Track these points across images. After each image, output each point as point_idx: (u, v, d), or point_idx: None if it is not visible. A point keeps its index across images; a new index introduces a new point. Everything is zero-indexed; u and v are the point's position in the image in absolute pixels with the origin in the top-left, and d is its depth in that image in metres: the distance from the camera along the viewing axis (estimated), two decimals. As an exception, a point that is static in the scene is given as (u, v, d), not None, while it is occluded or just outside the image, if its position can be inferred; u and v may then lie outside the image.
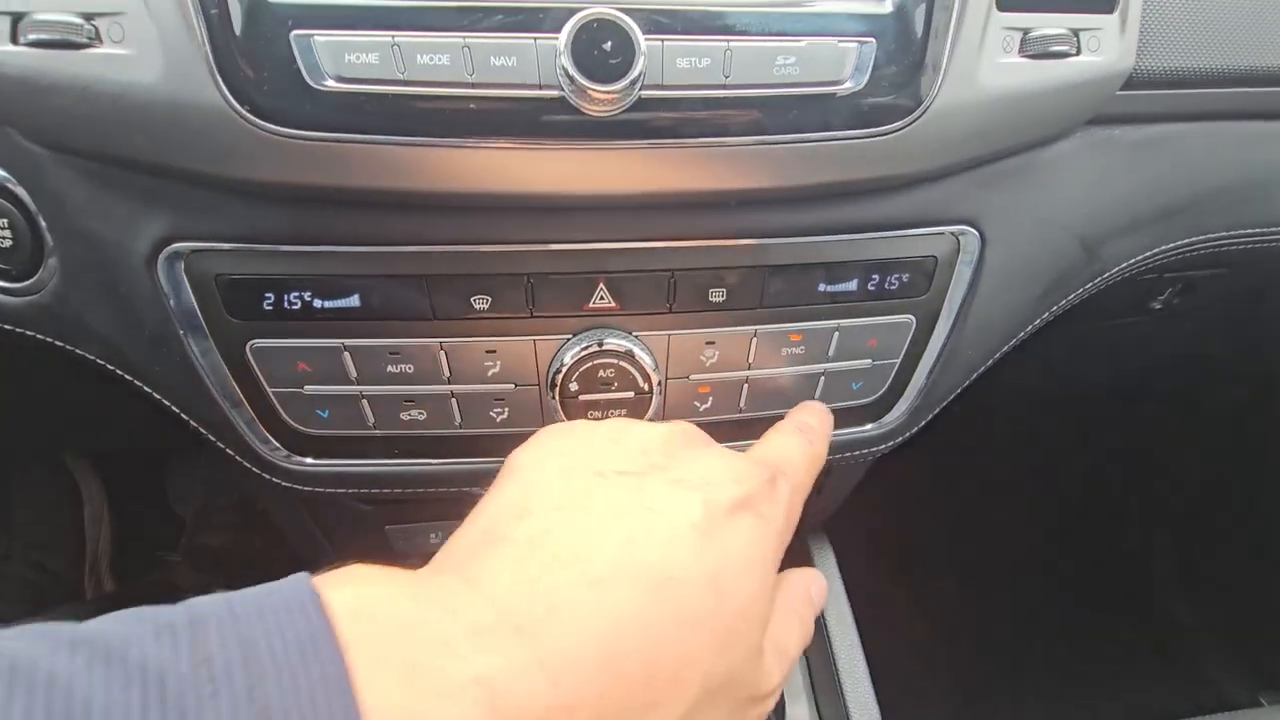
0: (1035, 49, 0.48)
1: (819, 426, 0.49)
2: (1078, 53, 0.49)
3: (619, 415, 0.54)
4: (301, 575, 0.28)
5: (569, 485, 0.35)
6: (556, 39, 0.41)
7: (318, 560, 0.75)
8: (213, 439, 0.56)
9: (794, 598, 0.42)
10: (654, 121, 0.44)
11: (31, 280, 0.52)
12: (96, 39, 0.41)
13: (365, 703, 0.23)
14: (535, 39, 0.41)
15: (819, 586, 0.45)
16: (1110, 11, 0.49)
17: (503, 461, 0.58)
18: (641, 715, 0.30)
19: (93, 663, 0.22)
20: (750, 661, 0.35)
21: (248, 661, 0.23)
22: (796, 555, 0.79)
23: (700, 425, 0.57)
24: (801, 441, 0.45)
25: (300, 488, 0.57)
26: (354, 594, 0.27)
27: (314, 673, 0.23)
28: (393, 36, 0.41)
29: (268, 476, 0.57)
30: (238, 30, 0.40)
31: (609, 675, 0.29)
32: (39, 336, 0.54)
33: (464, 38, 0.41)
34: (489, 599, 0.29)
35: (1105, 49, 0.50)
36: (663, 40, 0.42)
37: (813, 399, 0.58)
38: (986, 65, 0.47)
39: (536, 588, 0.30)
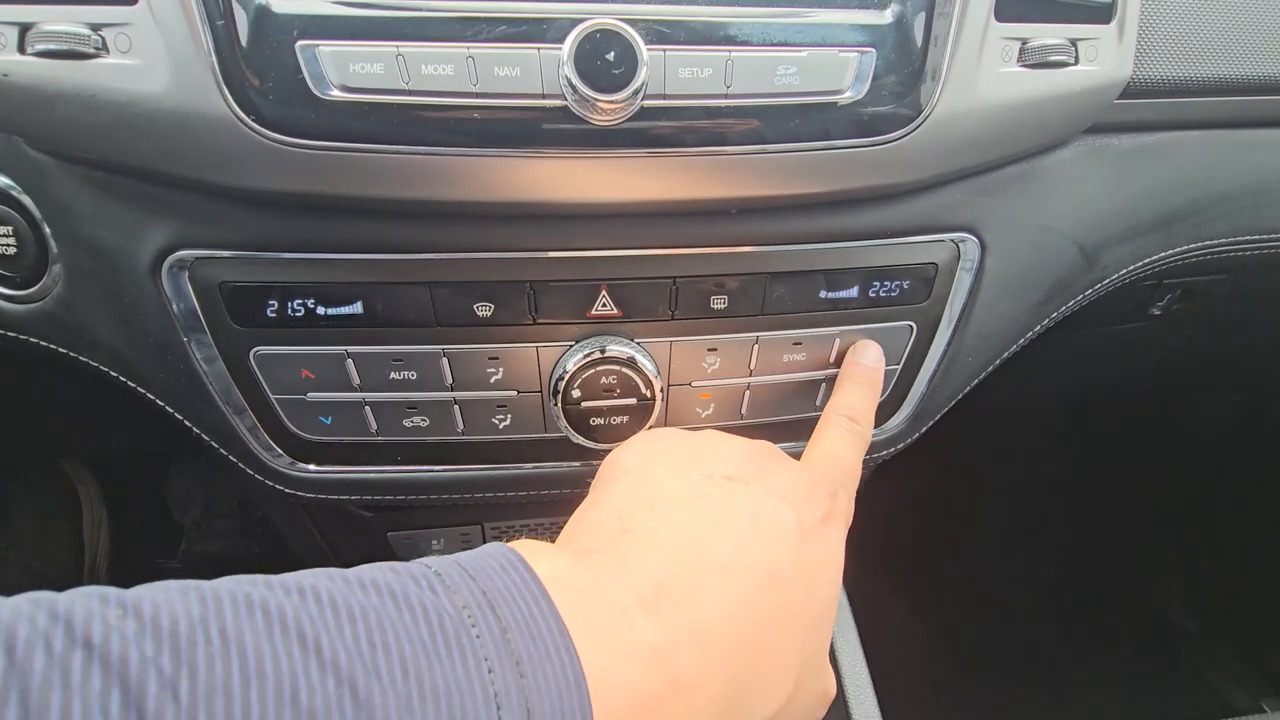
0: (1034, 58, 0.48)
1: (863, 404, 0.53)
2: (1076, 62, 0.49)
3: (622, 423, 0.54)
4: (499, 545, 0.33)
5: (684, 484, 0.39)
6: (560, 49, 0.41)
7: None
8: (216, 445, 0.56)
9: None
10: (656, 130, 0.44)
11: (35, 288, 0.53)
12: (103, 49, 0.41)
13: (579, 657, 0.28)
14: (539, 49, 0.42)
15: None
16: (1107, 21, 0.50)
17: (503, 470, 0.59)
18: (760, 684, 0.34)
19: (384, 600, 0.27)
20: (823, 656, 0.40)
21: (496, 610, 0.28)
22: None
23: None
24: (852, 439, 0.50)
25: (303, 494, 0.57)
26: (549, 564, 0.31)
27: (542, 626, 0.28)
28: (397, 47, 0.41)
29: (271, 483, 0.57)
30: (243, 40, 0.40)
31: (734, 648, 0.33)
32: (42, 344, 0.55)
33: (468, 48, 0.41)
34: (646, 577, 0.33)
35: (1103, 58, 0.50)
36: (665, 50, 0.42)
37: (814, 405, 0.59)
38: (986, 74, 0.47)
39: (680, 570, 0.34)
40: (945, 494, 1.57)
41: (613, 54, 0.41)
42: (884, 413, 0.61)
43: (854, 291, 0.55)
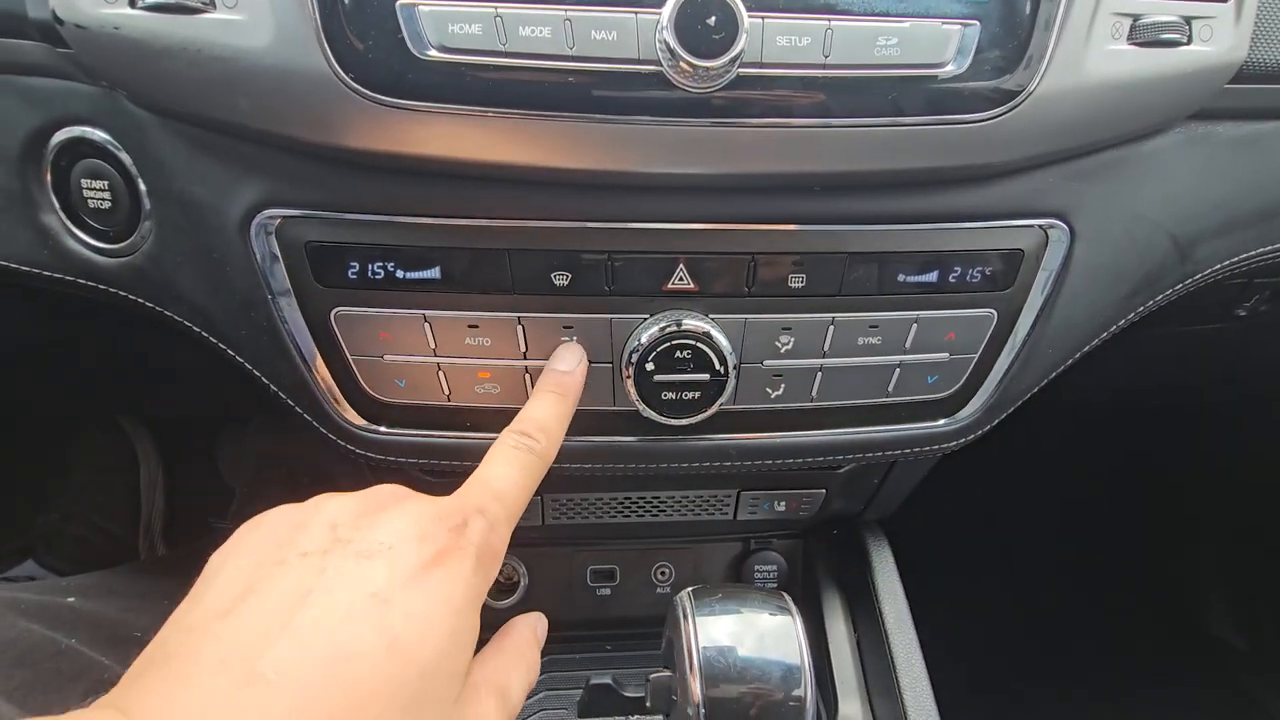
0: (1145, 36, 0.46)
1: (547, 415, 0.49)
2: (1189, 41, 0.47)
3: (694, 398, 0.54)
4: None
5: (247, 582, 0.35)
6: (659, 13, 0.40)
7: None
8: (292, 403, 0.57)
9: (520, 640, 0.45)
10: (750, 99, 0.43)
11: (127, 242, 0.54)
12: (211, 4, 0.42)
13: None
14: (636, 14, 0.41)
15: (543, 626, 0.49)
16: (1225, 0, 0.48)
17: (569, 441, 0.59)
18: None
19: None
20: (446, 712, 0.35)
21: None
22: (854, 552, 0.78)
23: (769, 413, 0.58)
24: (518, 458, 0.46)
25: (372, 455, 0.58)
26: None
27: None
28: (496, 8, 0.41)
29: (342, 443, 0.58)
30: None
31: None
32: (130, 297, 0.56)
33: (566, 11, 0.41)
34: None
35: (1218, 39, 0.48)
36: (764, 17, 0.42)
37: (887, 391, 0.57)
38: (1093, 52, 0.46)
39: (191, 708, 0.30)
40: (991, 494, 1.54)
41: (713, 19, 0.40)
42: (957, 402, 0.60)
43: (934, 276, 0.54)
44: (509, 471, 0.45)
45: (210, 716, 0.29)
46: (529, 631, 0.47)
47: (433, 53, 0.41)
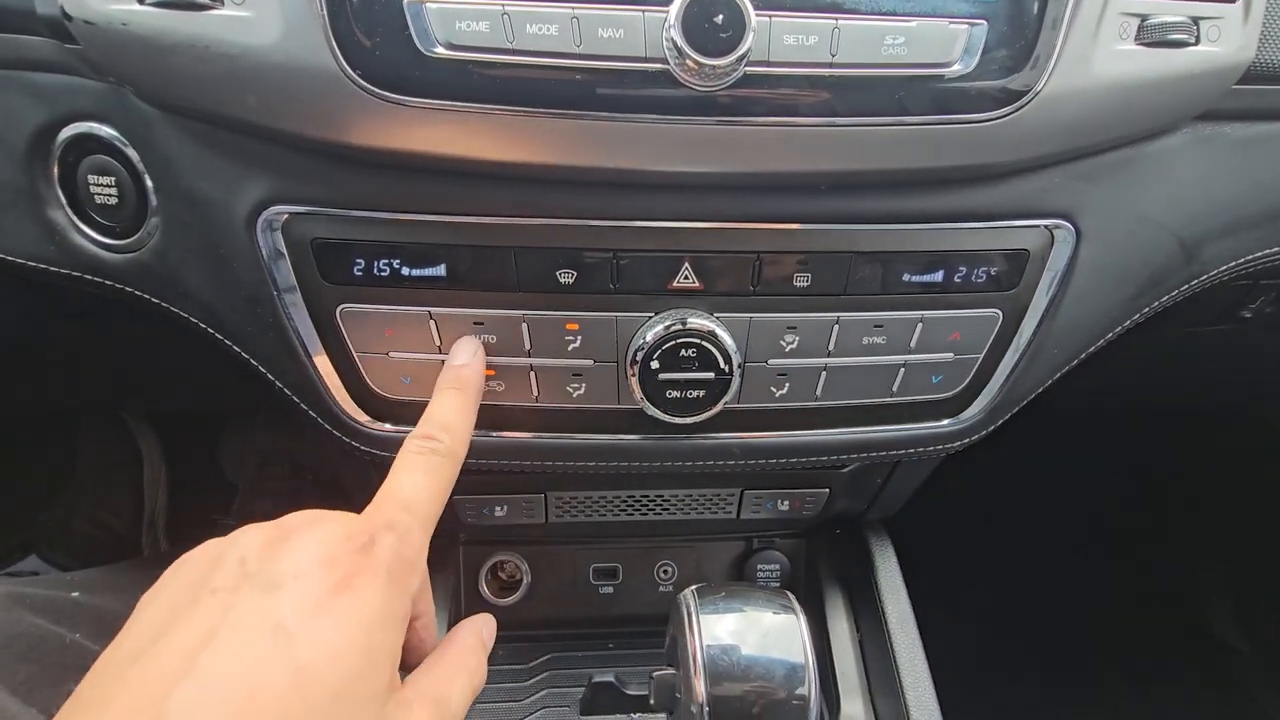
0: (1153, 36, 0.46)
1: (450, 414, 0.48)
2: (1196, 42, 0.47)
3: (698, 397, 0.54)
4: None
5: (162, 624, 0.34)
6: (666, 11, 0.40)
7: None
8: (297, 400, 0.57)
9: (460, 649, 0.45)
10: (756, 98, 0.43)
11: (134, 238, 0.54)
12: (218, 1, 0.42)
13: None
14: (644, 12, 0.41)
15: (489, 630, 0.48)
16: (1234, 0, 0.47)
17: (574, 440, 0.59)
18: None
19: None
20: None
21: None
22: (857, 551, 0.78)
23: (773, 412, 0.58)
24: (424, 463, 0.45)
25: (376, 452, 0.58)
26: None
27: None
28: (503, 5, 0.41)
29: (346, 440, 0.58)
30: None
31: None
32: (136, 293, 0.56)
33: (573, 8, 0.41)
34: None
35: (1226, 39, 0.48)
36: (771, 16, 0.42)
37: (891, 390, 0.57)
38: (1100, 52, 0.46)
39: None
40: (995, 495, 1.54)
41: (720, 17, 0.40)
42: (961, 402, 0.60)
43: (940, 276, 0.54)
44: (415, 478, 0.44)
45: None
46: (472, 638, 0.46)
47: (440, 50, 0.42)
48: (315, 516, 0.40)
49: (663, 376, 0.53)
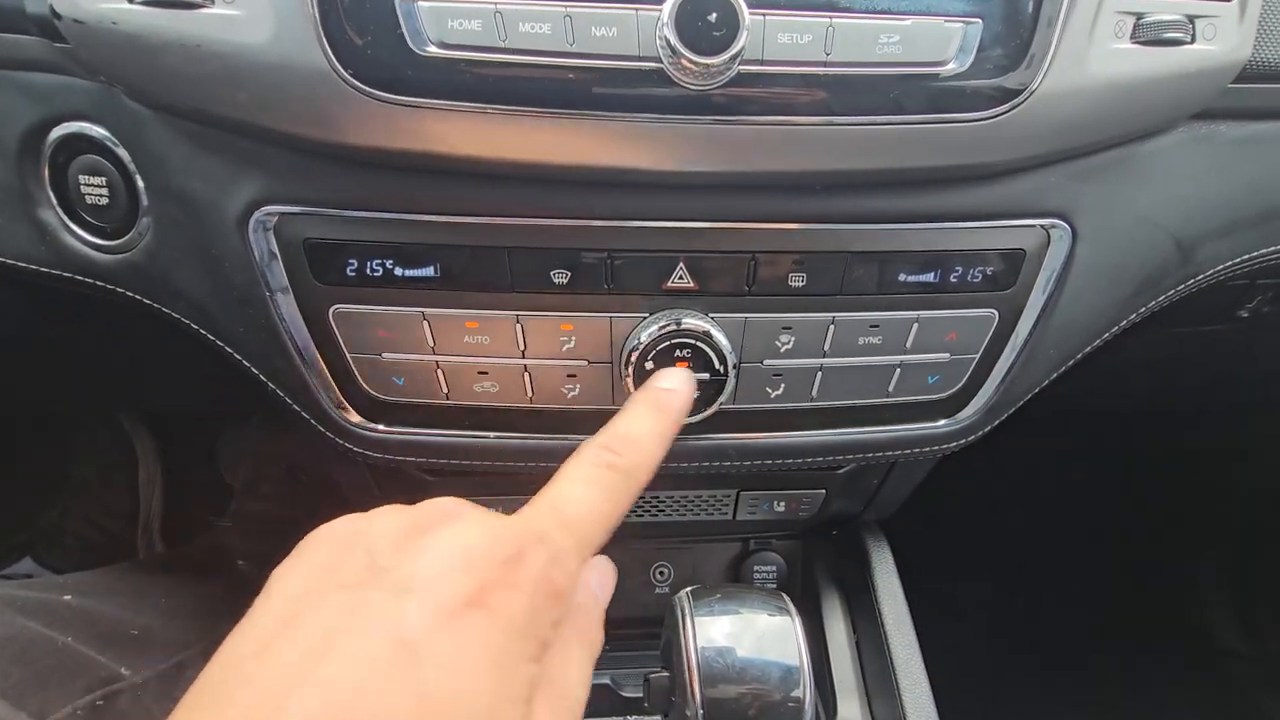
0: (1148, 35, 0.46)
1: (640, 430, 0.42)
2: (1192, 40, 0.47)
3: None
4: None
5: (288, 612, 0.31)
6: (659, 10, 0.40)
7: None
8: (290, 402, 0.57)
9: (582, 629, 0.37)
10: (750, 97, 0.43)
11: (125, 238, 0.54)
12: (210, 0, 0.41)
13: None
14: (637, 10, 0.41)
15: (609, 577, 0.41)
16: (1229, -2, 0.47)
17: (569, 441, 0.59)
18: None
19: None
20: None
21: None
22: (854, 552, 0.77)
23: (769, 413, 0.58)
24: (599, 476, 0.39)
25: (370, 454, 0.58)
26: None
27: None
28: (496, 4, 0.41)
29: (340, 441, 0.58)
30: None
31: None
32: (128, 294, 0.56)
33: (566, 7, 0.41)
34: None
35: (1221, 37, 0.47)
36: (765, 14, 0.41)
37: (887, 390, 0.57)
38: (1096, 51, 0.45)
39: None
40: (991, 496, 1.53)
41: (714, 15, 0.40)
42: (957, 403, 0.60)
43: (935, 275, 0.53)
44: (585, 493, 0.37)
45: None
46: (588, 598, 0.39)
47: (432, 49, 0.41)
48: (454, 511, 0.36)
49: (658, 377, 0.53)
